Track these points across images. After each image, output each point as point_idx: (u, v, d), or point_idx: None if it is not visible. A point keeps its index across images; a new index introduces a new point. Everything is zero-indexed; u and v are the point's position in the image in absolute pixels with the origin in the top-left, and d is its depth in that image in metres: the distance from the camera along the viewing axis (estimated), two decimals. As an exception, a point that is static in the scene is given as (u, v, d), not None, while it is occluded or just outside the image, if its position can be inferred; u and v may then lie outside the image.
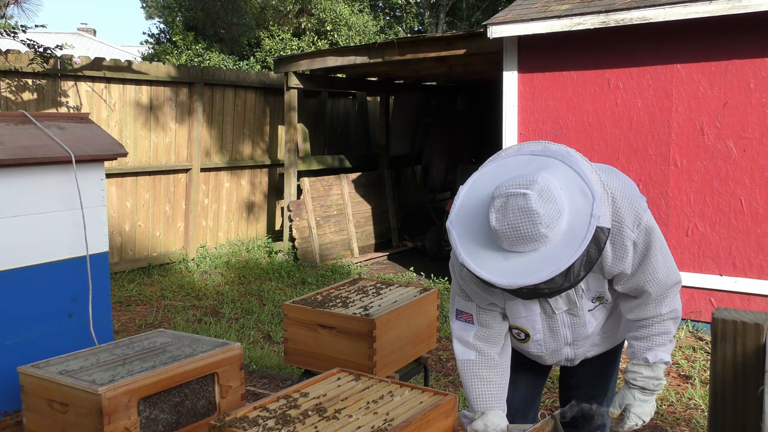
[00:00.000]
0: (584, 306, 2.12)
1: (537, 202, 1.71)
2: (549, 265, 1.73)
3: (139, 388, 2.34)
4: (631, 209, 1.96)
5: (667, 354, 2.11)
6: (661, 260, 2.02)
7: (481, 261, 1.80)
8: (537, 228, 1.72)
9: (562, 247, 1.75)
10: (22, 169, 3.13)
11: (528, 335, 2.19)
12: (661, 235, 2.05)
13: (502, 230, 1.75)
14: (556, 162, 1.84)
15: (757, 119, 5.12)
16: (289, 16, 10.92)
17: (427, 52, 7.23)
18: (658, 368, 2.08)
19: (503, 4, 16.20)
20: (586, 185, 1.79)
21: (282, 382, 4.47)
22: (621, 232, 1.95)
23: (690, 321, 5.44)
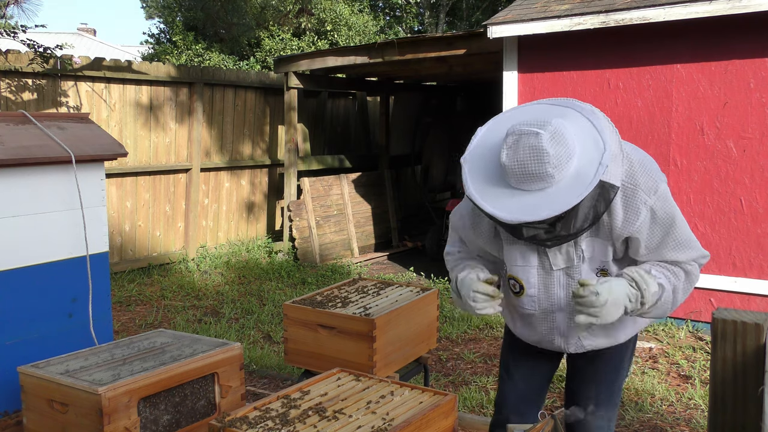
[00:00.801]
0: (583, 271, 2.10)
1: (548, 142, 1.78)
2: (550, 205, 1.79)
3: (139, 388, 2.34)
4: (647, 176, 2.00)
5: (668, 286, 2.01)
6: (683, 228, 2.05)
7: (488, 196, 1.87)
8: (544, 167, 1.78)
9: (567, 190, 1.80)
10: (22, 169, 3.13)
11: (522, 288, 2.18)
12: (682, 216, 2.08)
13: (511, 166, 1.82)
14: (576, 113, 1.91)
15: (757, 119, 5.12)
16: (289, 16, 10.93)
17: (427, 52, 7.23)
18: (652, 282, 1.98)
19: (503, 4, 16.20)
20: (600, 137, 1.84)
21: (282, 382, 4.47)
22: (635, 194, 1.98)
23: (690, 321, 5.44)
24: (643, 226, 2.00)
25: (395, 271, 8.01)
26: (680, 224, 2.05)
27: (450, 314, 6.02)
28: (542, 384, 2.46)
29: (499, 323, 5.75)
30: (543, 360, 2.42)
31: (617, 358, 2.34)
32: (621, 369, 2.36)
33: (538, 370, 2.44)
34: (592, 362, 2.32)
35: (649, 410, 4.06)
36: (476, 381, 4.53)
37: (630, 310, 1.98)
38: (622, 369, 2.37)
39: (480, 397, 4.22)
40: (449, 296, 6.74)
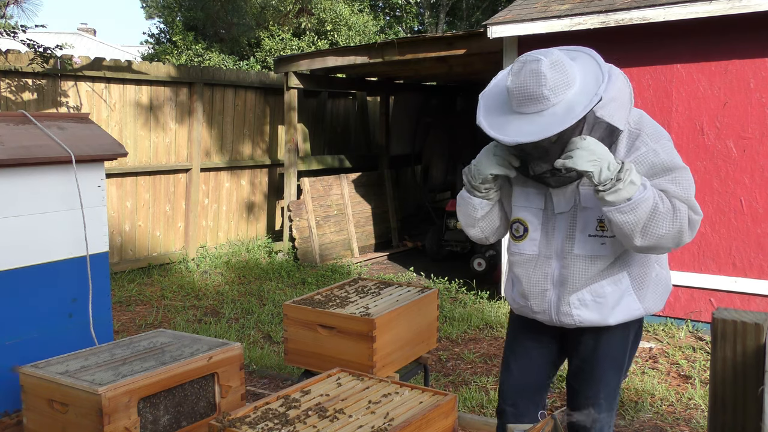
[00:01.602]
0: (581, 219, 2.17)
1: (547, 67, 1.96)
2: (544, 128, 1.94)
3: (139, 388, 2.34)
4: (653, 127, 2.16)
5: (651, 189, 2.01)
6: (688, 178, 2.10)
7: (493, 122, 2.06)
8: (541, 89, 1.95)
9: (561, 116, 1.95)
10: (22, 169, 3.13)
11: (527, 230, 2.27)
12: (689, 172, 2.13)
13: (512, 88, 2.01)
14: (586, 56, 2.10)
15: (757, 119, 5.12)
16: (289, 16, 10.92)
17: (427, 52, 7.23)
18: (639, 177, 2.00)
19: (503, 4, 16.20)
20: (602, 75, 2.00)
21: (282, 382, 4.47)
22: (638, 137, 2.13)
23: (690, 321, 5.44)
24: (645, 158, 2.09)
25: (395, 271, 8.02)
26: (683, 171, 2.11)
27: (450, 314, 6.03)
28: (539, 378, 2.47)
29: (500, 323, 5.75)
30: (542, 352, 2.44)
31: (618, 357, 2.33)
32: (621, 368, 2.36)
33: (535, 362, 2.45)
34: (592, 361, 2.32)
35: (649, 410, 4.06)
36: (476, 381, 4.53)
37: (603, 177, 1.98)
38: (622, 368, 2.36)
39: (480, 397, 4.22)
40: (449, 296, 6.74)
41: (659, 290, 2.31)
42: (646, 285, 2.27)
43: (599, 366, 2.32)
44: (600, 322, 2.24)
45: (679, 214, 2.05)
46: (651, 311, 2.31)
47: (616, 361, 2.33)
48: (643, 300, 2.27)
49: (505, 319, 5.82)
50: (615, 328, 2.29)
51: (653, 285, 2.29)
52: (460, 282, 7.10)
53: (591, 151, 1.98)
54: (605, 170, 1.98)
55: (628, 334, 2.34)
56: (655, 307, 2.31)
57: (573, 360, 2.40)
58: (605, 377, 2.32)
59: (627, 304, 2.24)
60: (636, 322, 2.35)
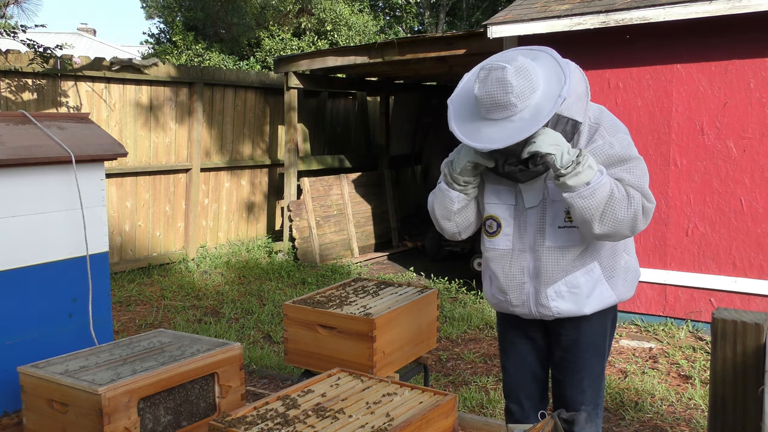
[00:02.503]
0: (550, 212, 2.26)
1: (512, 75, 2.03)
2: (513, 134, 2.03)
3: (139, 388, 2.34)
4: (611, 121, 2.26)
5: (607, 177, 2.10)
6: (642, 169, 2.21)
7: (464, 128, 2.15)
8: (508, 97, 2.03)
9: (528, 120, 2.03)
10: (22, 169, 3.13)
11: (500, 226, 2.36)
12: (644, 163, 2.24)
13: (480, 97, 2.08)
14: (546, 56, 2.17)
15: (757, 119, 5.12)
16: (289, 16, 10.92)
17: (427, 52, 7.23)
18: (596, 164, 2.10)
19: (503, 4, 16.20)
20: (563, 75, 2.08)
21: (282, 382, 4.47)
22: (597, 130, 2.22)
23: (690, 321, 5.44)
24: (601, 149, 2.19)
25: (395, 271, 8.01)
26: (637, 161, 2.20)
27: (450, 314, 6.03)
28: (536, 372, 2.54)
29: (499, 323, 5.75)
30: (531, 347, 2.51)
31: (599, 345, 2.41)
32: (603, 355, 2.44)
33: (527, 358, 2.53)
34: (574, 351, 2.40)
35: (649, 410, 4.06)
36: (476, 381, 4.53)
37: (564, 160, 2.07)
38: (603, 355, 2.45)
39: (480, 397, 4.22)
40: (449, 296, 6.74)
41: (629, 278, 2.40)
42: (616, 273, 2.36)
43: (581, 355, 2.40)
44: (577, 312, 2.32)
45: (633, 201, 2.13)
46: (624, 298, 2.40)
47: (597, 348, 2.41)
48: (615, 287, 2.35)
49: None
50: (593, 318, 2.37)
51: (623, 273, 2.38)
52: (460, 282, 7.10)
53: (551, 136, 2.09)
54: (566, 154, 2.07)
55: (606, 321, 2.43)
56: (626, 293, 2.40)
57: (556, 352, 2.46)
58: (588, 365, 2.40)
59: (600, 292, 2.33)
60: (611, 310, 2.44)
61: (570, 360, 2.41)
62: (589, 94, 2.24)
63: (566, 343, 2.41)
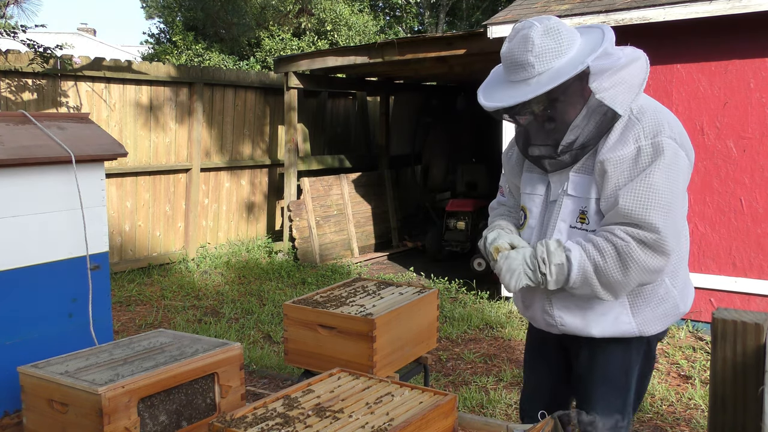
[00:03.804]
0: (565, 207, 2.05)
1: (537, 34, 1.87)
2: (525, 93, 1.87)
3: (139, 388, 2.34)
4: (656, 120, 1.96)
5: (579, 261, 1.91)
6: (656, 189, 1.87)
7: (485, 91, 2.01)
8: (526, 55, 1.87)
9: (543, 83, 1.86)
10: (22, 169, 3.13)
11: (526, 218, 2.20)
12: (677, 182, 1.90)
13: (504, 54, 1.95)
14: (598, 31, 1.96)
15: (757, 119, 5.12)
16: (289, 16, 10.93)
17: (427, 52, 7.23)
18: (559, 253, 1.94)
19: (503, 4, 16.20)
20: (600, 48, 1.86)
21: (282, 382, 4.47)
22: (633, 127, 1.95)
23: (690, 321, 5.44)
24: (622, 161, 1.91)
25: (395, 271, 8.01)
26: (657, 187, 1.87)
27: (450, 314, 6.03)
28: (549, 387, 2.38)
29: (500, 323, 5.75)
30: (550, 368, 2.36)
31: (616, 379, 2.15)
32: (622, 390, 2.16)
33: (545, 379, 2.39)
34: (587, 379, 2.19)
35: (649, 410, 4.06)
36: (476, 381, 4.53)
37: (534, 280, 1.98)
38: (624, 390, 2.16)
39: (480, 397, 4.22)
40: (449, 296, 6.74)
41: (662, 310, 2.05)
42: (647, 300, 2.03)
43: (595, 389, 2.15)
44: (583, 330, 2.07)
45: (622, 252, 1.88)
46: (647, 332, 2.05)
47: (615, 382, 2.12)
48: (637, 316, 2.03)
49: (505, 319, 5.83)
50: (612, 346, 2.09)
51: (655, 302, 2.03)
52: (460, 282, 7.10)
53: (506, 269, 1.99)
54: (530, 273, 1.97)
55: (630, 354, 2.10)
56: (651, 328, 2.05)
57: (573, 374, 2.26)
58: (602, 399, 2.13)
59: (616, 316, 2.03)
60: (638, 342, 2.09)
61: (581, 389, 2.21)
62: (642, 87, 1.98)
63: (580, 369, 2.18)
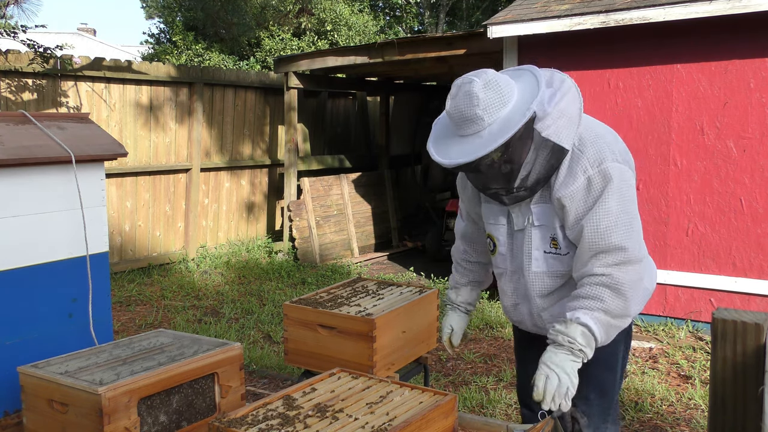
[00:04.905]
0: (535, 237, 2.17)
1: (480, 88, 1.95)
2: (479, 148, 1.95)
3: (139, 388, 2.34)
4: (597, 148, 2.05)
5: (590, 318, 2.00)
6: (613, 213, 2.01)
7: (438, 146, 2.08)
8: (474, 110, 1.95)
9: (496, 134, 1.94)
10: (22, 169, 3.13)
11: (495, 246, 2.32)
12: (629, 199, 2.04)
13: (450, 112, 2.02)
14: (528, 73, 2.06)
15: (757, 119, 5.12)
16: (289, 16, 10.93)
17: (427, 52, 7.23)
18: (573, 326, 2.00)
19: (503, 4, 16.20)
20: (538, 89, 1.97)
21: (282, 382, 4.47)
22: (579, 160, 2.04)
23: (690, 321, 5.44)
24: (576, 194, 2.03)
25: (395, 271, 8.01)
26: (613, 211, 2.01)
27: (450, 314, 6.02)
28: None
29: (500, 323, 5.75)
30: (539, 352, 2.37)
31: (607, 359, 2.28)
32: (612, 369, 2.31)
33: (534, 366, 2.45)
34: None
35: (649, 410, 4.06)
36: (476, 381, 4.53)
37: (583, 359, 2.02)
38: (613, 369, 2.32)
39: (480, 397, 4.22)
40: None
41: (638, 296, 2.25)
42: None
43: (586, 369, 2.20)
44: None
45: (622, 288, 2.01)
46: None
47: (605, 362, 2.28)
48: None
49: (504, 319, 5.83)
50: None
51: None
52: (460, 282, 7.10)
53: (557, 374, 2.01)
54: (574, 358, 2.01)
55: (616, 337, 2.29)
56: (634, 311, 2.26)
57: None
58: (594, 376, 2.26)
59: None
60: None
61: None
62: (581, 117, 2.06)
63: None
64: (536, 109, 1.95)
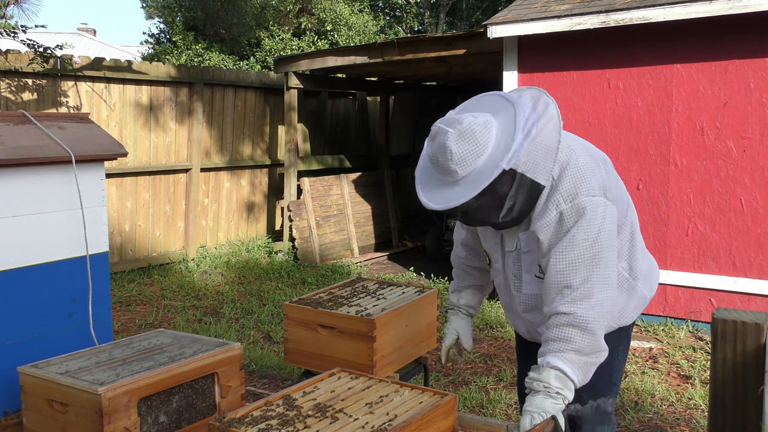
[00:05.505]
0: (525, 262, 2.20)
1: (453, 141, 1.93)
2: (454, 198, 1.96)
3: (139, 388, 2.34)
4: (572, 181, 2.03)
5: (561, 361, 1.98)
6: (579, 247, 1.99)
7: (423, 185, 2.08)
8: (448, 163, 1.95)
9: (469, 185, 1.95)
10: (22, 169, 3.13)
11: (490, 261, 2.36)
12: (600, 233, 2.00)
13: (429, 157, 2.03)
14: (511, 110, 1.99)
15: (757, 119, 5.12)
16: (289, 16, 10.92)
17: (427, 52, 7.23)
18: (546, 372, 1.99)
19: (503, 4, 16.20)
20: (512, 140, 1.93)
21: (282, 382, 4.47)
22: (553, 194, 2.04)
23: (690, 321, 5.44)
24: (548, 227, 2.04)
25: (395, 271, 8.01)
26: (579, 245, 2.00)
27: (450, 314, 6.02)
28: None
29: (500, 323, 5.75)
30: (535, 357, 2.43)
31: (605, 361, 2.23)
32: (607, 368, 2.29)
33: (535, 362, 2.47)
34: None
35: (649, 410, 4.06)
36: (476, 381, 4.53)
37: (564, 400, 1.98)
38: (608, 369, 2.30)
39: (480, 397, 4.22)
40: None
41: (633, 303, 2.29)
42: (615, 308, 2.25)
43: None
44: None
45: (585, 324, 1.98)
46: (623, 324, 2.30)
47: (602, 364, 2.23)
48: (614, 318, 2.25)
49: (504, 319, 5.83)
50: None
51: (625, 299, 2.28)
52: (460, 282, 7.10)
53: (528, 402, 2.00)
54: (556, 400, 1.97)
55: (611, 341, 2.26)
56: (627, 320, 2.31)
57: None
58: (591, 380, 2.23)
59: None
60: (617, 331, 2.31)
61: None
62: (558, 148, 2.00)
63: None
64: (513, 155, 1.91)
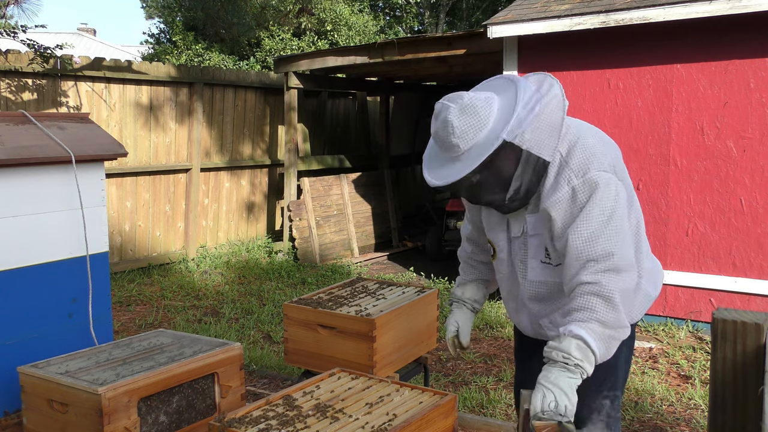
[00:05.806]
0: (531, 246, 2.18)
1: (455, 115, 1.96)
2: (455, 172, 1.98)
3: (139, 388, 2.34)
4: (582, 157, 2.03)
5: (584, 330, 1.91)
6: (598, 220, 1.98)
7: (428, 164, 2.11)
8: (450, 138, 1.97)
9: (471, 159, 1.96)
10: (22, 169, 3.13)
11: (495, 251, 2.33)
12: (615, 207, 2.00)
13: (433, 136, 2.06)
14: (512, 87, 2.02)
15: (757, 119, 5.12)
16: (289, 16, 10.92)
17: (427, 52, 7.23)
18: (566, 340, 1.90)
19: (503, 4, 16.20)
20: (513, 112, 1.94)
21: (282, 382, 4.47)
22: (563, 170, 2.03)
23: (690, 321, 5.44)
24: (561, 203, 2.02)
25: (395, 271, 8.01)
26: (598, 218, 1.98)
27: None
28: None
29: (500, 323, 5.75)
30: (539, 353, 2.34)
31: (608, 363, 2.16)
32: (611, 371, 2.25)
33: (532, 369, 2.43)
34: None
35: (649, 410, 4.06)
36: (476, 381, 4.53)
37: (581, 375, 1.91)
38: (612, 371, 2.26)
39: (480, 397, 4.22)
40: (449, 297, 6.74)
41: (638, 301, 2.24)
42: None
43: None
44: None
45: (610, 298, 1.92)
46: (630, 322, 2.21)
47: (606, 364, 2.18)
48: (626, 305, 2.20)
49: (504, 319, 5.83)
50: None
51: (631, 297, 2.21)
52: (460, 282, 7.10)
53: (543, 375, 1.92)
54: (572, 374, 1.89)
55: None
56: (632, 318, 2.21)
57: None
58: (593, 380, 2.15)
59: None
60: None
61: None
62: (562, 125, 2.02)
63: None
64: (513, 126, 1.92)
